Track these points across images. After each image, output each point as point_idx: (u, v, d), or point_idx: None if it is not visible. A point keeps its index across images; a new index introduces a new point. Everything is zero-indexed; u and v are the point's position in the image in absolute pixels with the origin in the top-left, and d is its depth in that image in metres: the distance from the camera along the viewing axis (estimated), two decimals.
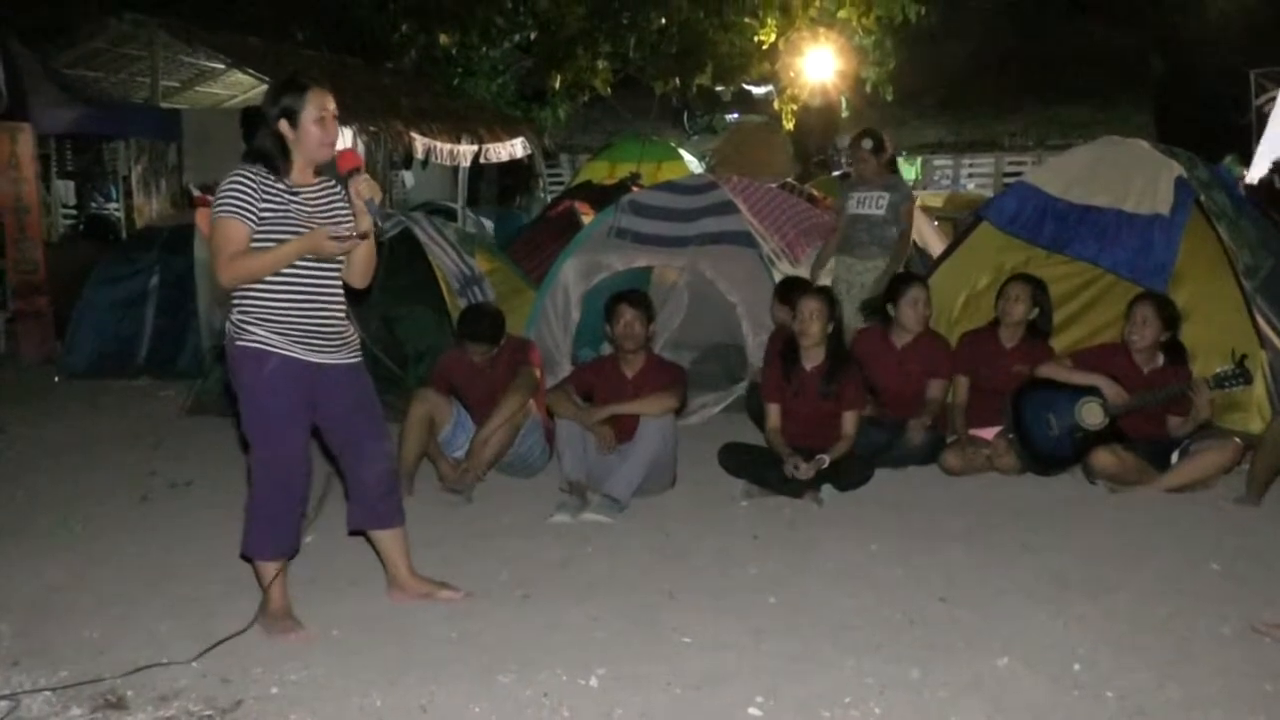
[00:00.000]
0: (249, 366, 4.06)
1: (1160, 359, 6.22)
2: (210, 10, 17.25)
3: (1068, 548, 5.16)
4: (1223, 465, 6.00)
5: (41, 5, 16.93)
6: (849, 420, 6.19)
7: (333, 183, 4.24)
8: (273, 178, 4.03)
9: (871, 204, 7.98)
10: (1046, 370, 6.33)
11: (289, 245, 3.99)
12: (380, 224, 4.20)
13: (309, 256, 4.05)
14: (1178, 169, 7.01)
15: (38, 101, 11.53)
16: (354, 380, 4.26)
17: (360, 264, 4.25)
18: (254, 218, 3.97)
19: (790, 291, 7.17)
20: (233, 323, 4.08)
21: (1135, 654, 4.00)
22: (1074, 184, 7.27)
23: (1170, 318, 6.19)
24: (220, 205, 3.97)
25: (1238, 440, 6.09)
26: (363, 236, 4.12)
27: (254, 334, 4.03)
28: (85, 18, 14.81)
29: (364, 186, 4.11)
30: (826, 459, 5.95)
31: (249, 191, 3.97)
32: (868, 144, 8.13)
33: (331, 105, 4.13)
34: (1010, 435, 6.34)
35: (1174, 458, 6.08)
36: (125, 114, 13.82)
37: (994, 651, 4.02)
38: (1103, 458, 6.03)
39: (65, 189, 17.26)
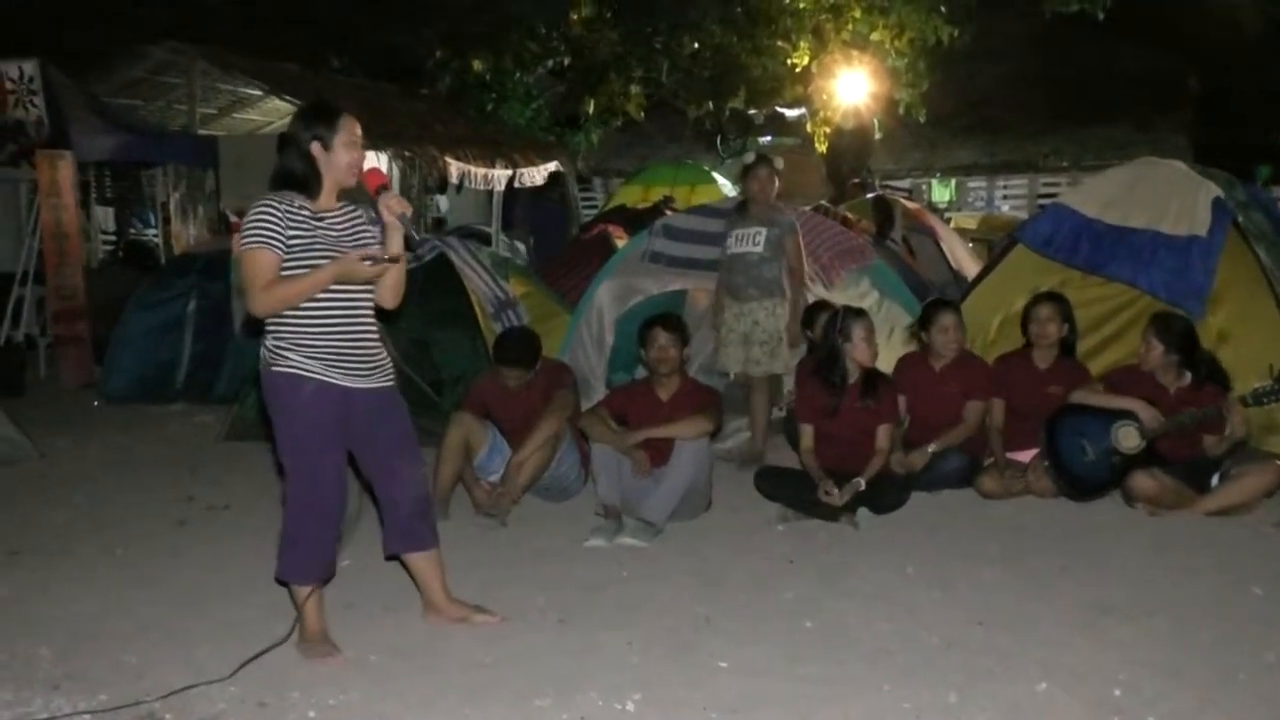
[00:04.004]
0: (285, 392, 4.09)
1: (1188, 378, 6.18)
2: (247, 38, 17.42)
3: (1106, 571, 5.12)
4: (1263, 488, 5.96)
5: (83, 34, 17.15)
6: (883, 434, 6.17)
7: (354, 208, 4.27)
8: (298, 203, 4.05)
9: (748, 241, 7.45)
10: (1079, 396, 6.31)
11: (322, 271, 4.01)
12: (415, 235, 4.20)
13: (341, 281, 4.08)
14: (1215, 190, 6.96)
15: (78, 129, 11.66)
16: (387, 405, 4.28)
17: (391, 284, 4.25)
18: (282, 245, 3.98)
19: (814, 316, 7.16)
20: (267, 349, 4.10)
21: (1176, 679, 3.96)
22: (1110, 205, 7.23)
23: (1177, 337, 6.14)
24: (247, 235, 3.99)
25: (1279, 463, 6.03)
26: (393, 259, 4.12)
27: (290, 359, 4.06)
28: (125, 47, 14.98)
29: (394, 202, 4.13)
30: (862, 482, 5.93)
31: (275, 219, 3.99)
32: (779, 163, 7.64)
33: (359, 131, 4.17)
34: (1045, 464, 6.29)
35: (1214, 481, 6.02)
36: (163, 141, 13.93)
37: (1032, 676, 3.99)
38: (1141, 481, 5.99)
39: (104, 215, 17.42)
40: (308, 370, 4.06)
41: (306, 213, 4.06)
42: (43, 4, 17.82)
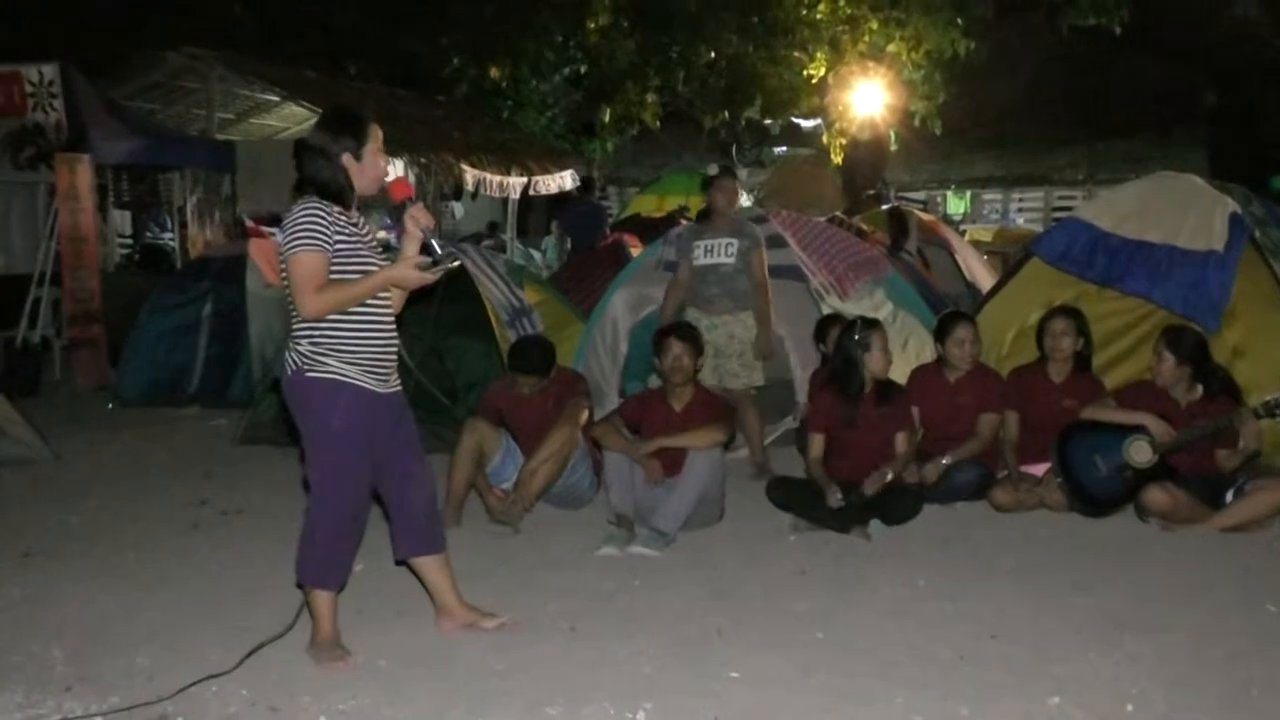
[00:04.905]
0: (323, 398, 4.08)
1: (1199, 391, 6.15)
2: (264, 44, 17.51)
3: (1120, 586, 5.09)
4: (1278, 504, 5.92)
5: (102, 39, 17.26)
6: (902, 440, 6.16)
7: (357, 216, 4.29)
8: (336, 210, 4.06)
9: (720, 252, 7.37)
10: (1090, 412, 6.27)
11: (377, 277, 4.04)
12: (439, 247, 4.21)
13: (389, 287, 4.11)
14: (1232, 205, 6.95)
15: (96, 133, 11.72)
16: (400, 408, 4.32)
17: (402, 291, 4.29)
18: (330, 249, 3.99)
19: (826, 329, 7.15)
20: (302, 354, 4.07)
21: (1190, 695, 3.94)
22: (1126, 219, 7.21)
23: (1189, 349, 6.12)
24: (297, 238, 3.96)
25: None
26: (453, 267, 4.15)
27: (328, 365, 4.05)
28: (144, 51, 15.06)
29: (421, 215, 4.14)
30: (870, 486, 5.92)
31: (324, 224, 3.99)
32: (743, 174, 7.55)
33: (381, 139, 4.20)
34: (1058, 480, 6.26)
35: (1229, 497, 5.99)
36: (181, 145, 13.99)
37: (1045, 690, 3.98)
38: (1155, 496, 5.96)
39: (121, 219, 17.51)
40: (346, 376, 4.06)
41: (344, 219, 4.08)
42: (63, 8, 17.92)
